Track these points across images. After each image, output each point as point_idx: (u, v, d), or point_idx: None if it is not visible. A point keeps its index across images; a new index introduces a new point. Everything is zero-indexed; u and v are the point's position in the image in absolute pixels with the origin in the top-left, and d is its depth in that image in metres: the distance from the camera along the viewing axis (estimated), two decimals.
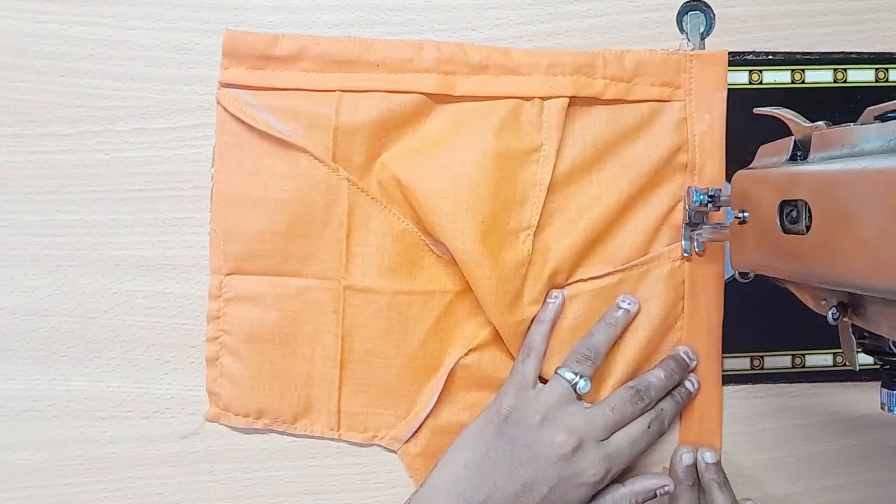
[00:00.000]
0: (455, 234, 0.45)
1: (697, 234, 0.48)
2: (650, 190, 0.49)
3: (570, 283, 0.48)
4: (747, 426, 0.50)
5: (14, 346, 0.48)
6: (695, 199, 0.45)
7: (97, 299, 0.48)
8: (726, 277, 0.49)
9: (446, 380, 0.48)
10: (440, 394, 0.48)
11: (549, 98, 0.48)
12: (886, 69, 0.50)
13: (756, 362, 0.50)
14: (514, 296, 0.46)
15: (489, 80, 0.48)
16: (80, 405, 0.48)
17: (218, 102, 0.48)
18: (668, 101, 0.49)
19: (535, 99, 0.48)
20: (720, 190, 0.45)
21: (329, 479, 0.49)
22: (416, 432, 0.48)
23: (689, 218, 0.47)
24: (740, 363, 0.50)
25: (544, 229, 0.48)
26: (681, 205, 0.49)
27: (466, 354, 0.48)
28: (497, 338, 0.48)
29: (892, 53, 0.50)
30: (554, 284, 0.48)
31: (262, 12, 0.48)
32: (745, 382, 0.50)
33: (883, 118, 0.33)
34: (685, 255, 0.49)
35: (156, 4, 0.48)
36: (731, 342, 0.49)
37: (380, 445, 0.49)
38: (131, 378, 0.49)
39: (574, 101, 0.48)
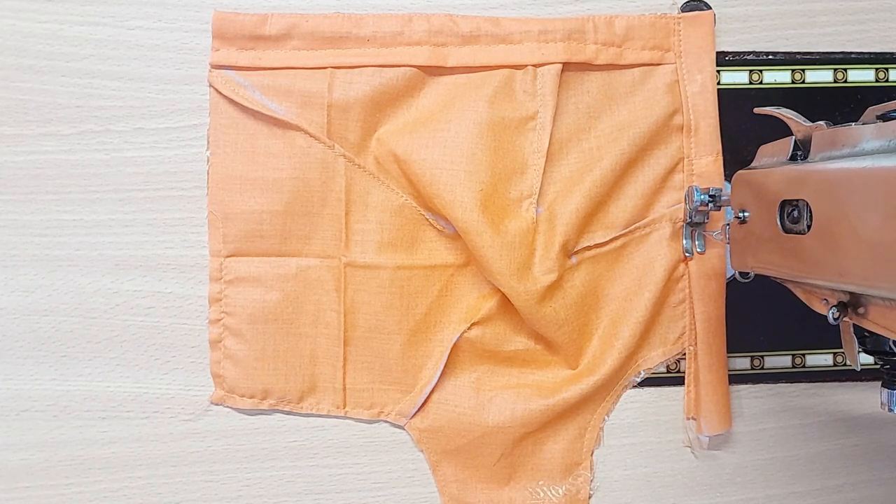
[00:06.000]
0: (454, 204, 0.46)
1: (698, 234, 0.48)
2: (648, 152, 0.49)
3: (576, 252, 0.49)
4: (747, 426, 0.51)
5: (14, 346, 0.48)
6: (695, 198, 0.45)
7: (97, 299, 0.48)
8: (726, 277, 0.49)
9: (450, 354, 0.48)
10: (444, 368, 0.48)
11: (542, 65, 0.48)
12: (886, 69, 0.50)
13: (756, 362, 0.50)
14: (522, 264, 0.47)
15: (481, 50, 0.48)
16: (80, 405, 0.48)
17: (210, 84, 0.48)
18: (659, 64, 0.49)
19: (528, 67, 0.48)
20: (720, 190, 0.45)
21: (329, 479, 0.49)
22: (421, 407, 0.49)
23: (690, 217, 0.48)
24: (740, 363, 0.50)
25: (548, 197, 0.48)
26: (680, 166, 0.49)
27: (470, 328, 0.48)
28: (500, 311, 0.48)
29: (892, 53, 0.50)
30: (566, 252, 0.48)
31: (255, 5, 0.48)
32: (745, 382, 0.50)
33: (885, 117, 0.33)
34: (686, 254, 0.49)
35: (156, 4, 0.48)
36: (732, 342, 0.49)
37: (386, 421, 0.49)
38: (131, 378, 0.49)
39: (567, 68, 0.48)
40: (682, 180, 0.49)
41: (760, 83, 0.50)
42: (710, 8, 0.50)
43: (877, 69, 0.50)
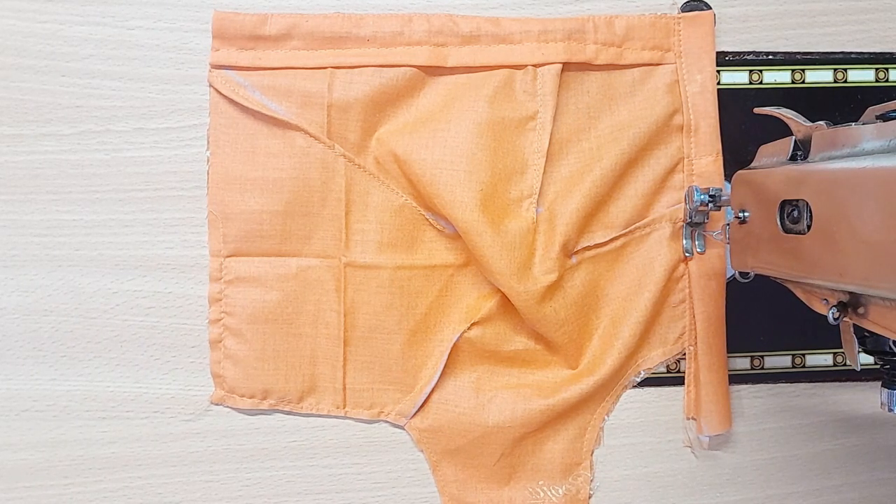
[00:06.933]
0: (454, 204, 0.46)
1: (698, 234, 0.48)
2: (648, 152, 0.49)
3: (576, 252, 0.49)
4: (747, 426, 0.51)
5: (14, 346, 0.48)
6: (695, 198, 0.45)
7: (97, 299, 0.48)
8: (726, 277, 0.49)
9: (450, 354, 0.48)
10: (444, 368, 0.48)
11: (542, 65, 0.48)
12: (886, 69, 0.50)
13: (756, 362, 0.50)
14: (522, 264, 0.47)
15: (481, 50, 0.48)
16: (80, 405, 0.48)
17: (210, 84, 0.48)
18: (659, 64, 0.49)
19: (528, 67, 0.48)
20: (721, 190, 0.45)
21: (329, 479, 0.49)
22: (421, 407, 0.49)
23: (690, 217, 0.48)
24: (740, 363, 0.50)
25: (548, 197, 0.48)
26: (680, 166, 0.49)
27: (470, 328, 0.48)
28: (500, 311, 0.48)
29: (892, 53, 0.50)
30: (566, 252, 0.48)
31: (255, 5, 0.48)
32: (745, 382, 0.50)
33: (885, 117, 0.33)
34: (686, 254, 0.49)
35: (156, 4, 0.48)
36: (732, 342, 0.49)
37: (386, 421, 0.49)
38: (131, 378, 0.49)
39: (567, 68, 0.48)
40: (682, 180, 0.49)
41: (760, 83, 0.50)
42: (710, 8, 0.50)
43: (877, 69, 0.50)
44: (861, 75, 0.50)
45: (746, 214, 0.40)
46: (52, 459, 0.48)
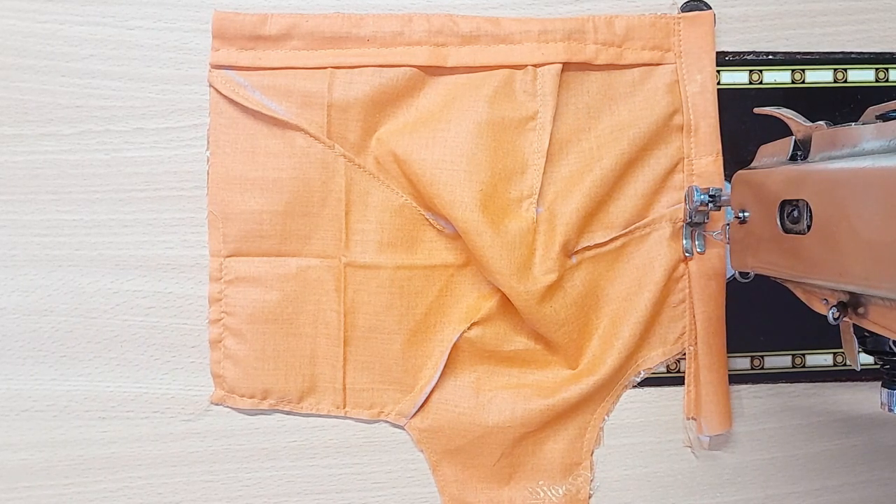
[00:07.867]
0: (454, 204, 0.46)
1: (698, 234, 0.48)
2: (648, 152, 0.49)
3: (576, 252, 0.49)
4: (747, 426, 0.51)
5: (14, 346, 0.48)
6: (695, 198, 0.45)
7: (97, 299, 0.48)
8: (726, 277, 0.49)
9: (450, 354, 0.48)
10: (444, 368, 0.49)
11: (542, 65, 0.48)
12: (886, 69, 0.50)
13: (756, 362, 0.50)
14: (522, 264, 0.47)
15: (481, 50, 0.48)
16: (80, 405, 0.48)
17: (210, 84, 0.48)
18: (659, 64, 0.49)
19: (528, 67, 0.48)
20: (721, 190, 0.45)
21: (329, 479, 0.49)
22: (421, 407, 0.49)
23: (690, 217, 0.48)
24: (740, 363, 0.50)
25: (548, 197, 0.48)
26: (680, 166, 0.49)
27: (469, 328, 0.48)
28: (500, 311, 0.48)
29: (892, 53, 0.50)
30: (566, 252, 0.48)
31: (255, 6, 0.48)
32: (745, 382, 0.50)
33: (885, 117, 0.33)
34: (686, 254, 0.49)
35: (156, 4, 0.48)
36: (732, 342, 0.49)
37: (386, 421, 0.49)
38: (131, 378, 0.49)
39: (567, 68, 0.48)
40: (682, 180, 0.49)
41: (760, 83, 0.50)
42: (710, 8, 0.50)
43: (877, 69, 0.50)
44: (861, 75, 0.50)
45: (746, 214, 0.40)
46: (52, 459, 0.48)
